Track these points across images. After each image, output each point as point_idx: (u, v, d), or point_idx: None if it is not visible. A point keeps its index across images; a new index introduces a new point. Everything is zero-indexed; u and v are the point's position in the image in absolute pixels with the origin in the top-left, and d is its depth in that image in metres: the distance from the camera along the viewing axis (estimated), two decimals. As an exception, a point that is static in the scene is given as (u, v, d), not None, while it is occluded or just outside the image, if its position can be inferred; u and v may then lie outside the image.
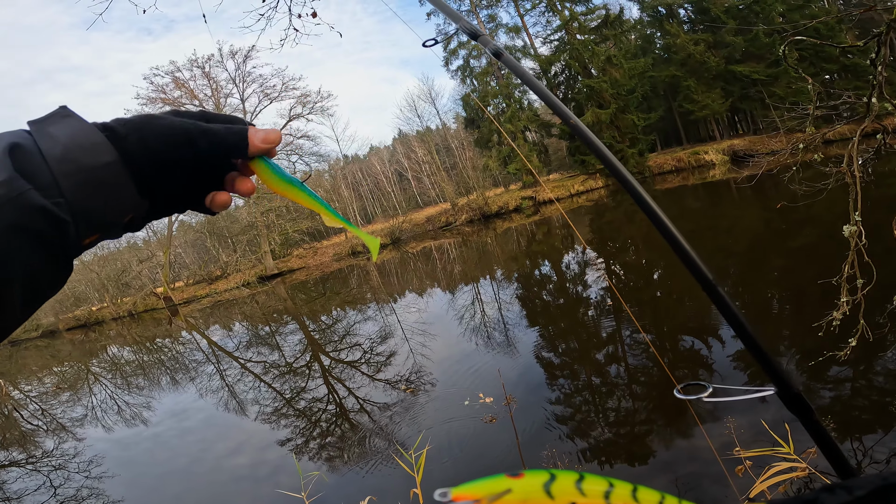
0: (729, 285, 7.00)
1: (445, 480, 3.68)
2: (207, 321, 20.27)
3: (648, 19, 27.59)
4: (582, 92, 26.12)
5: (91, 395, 11.08)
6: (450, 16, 0.85)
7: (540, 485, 0.30)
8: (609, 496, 0.31)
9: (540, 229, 20.14)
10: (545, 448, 3.93)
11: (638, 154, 25.07)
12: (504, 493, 0.29)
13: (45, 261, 0.35)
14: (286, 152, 31.09)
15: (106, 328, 26.07)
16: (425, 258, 21.63)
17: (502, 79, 28.04)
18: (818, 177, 3.18)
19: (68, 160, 0.36)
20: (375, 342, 9.23)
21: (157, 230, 31.66)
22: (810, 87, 2.20)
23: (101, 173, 0.37)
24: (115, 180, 0.38)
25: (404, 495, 2.52)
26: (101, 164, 0.37)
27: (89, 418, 9.13)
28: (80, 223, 0.37)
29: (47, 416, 9.99)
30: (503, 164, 28.29)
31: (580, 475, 0.31)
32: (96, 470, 6.26)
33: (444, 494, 0.28)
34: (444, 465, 3.88)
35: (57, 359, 19.91)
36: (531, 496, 0.29)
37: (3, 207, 0.32)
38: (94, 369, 14.98)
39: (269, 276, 29.38)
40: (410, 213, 36.22)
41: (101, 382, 12.45)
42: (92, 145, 0.37)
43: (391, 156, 47.12)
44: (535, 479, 0.30)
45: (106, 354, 18.32)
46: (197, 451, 6.20)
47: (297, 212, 31.90)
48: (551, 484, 0.30)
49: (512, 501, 0.29)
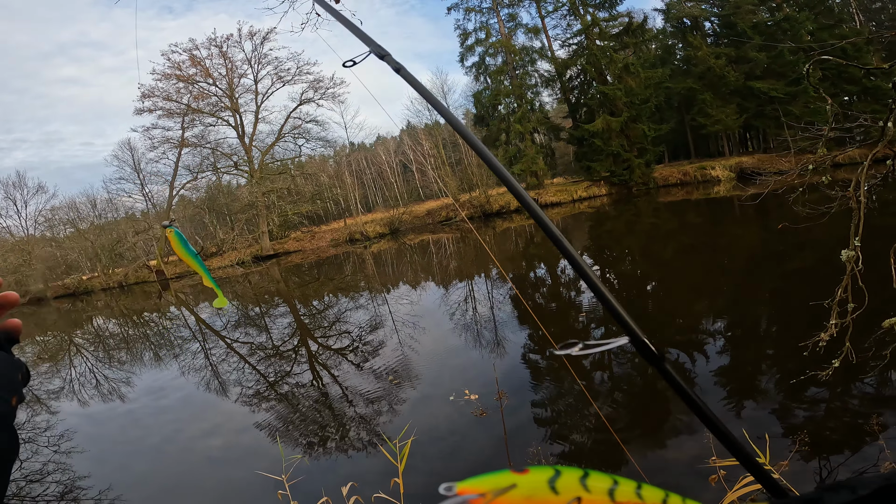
0: (720, 302, 6.98)
1: (428, 471, 3.66)
2: (198, 298, 20.21)
3: (671, 30, 27.36)
4: (595, 98, 25.96)
5: (71, 368, 10.90)
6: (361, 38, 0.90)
7: (545, 480, 0.30)
8: (613, 493, 0.31)
9: (539, 232, 20.07)
10: (531, 445, 3.92)
11: (645, 164, 24.98)
12: (509, 488, 0.29)
13: None
14: (293, 136, 30.98)
15: (94, 298, 25.89)
16: (423, 251, 21.58)
17: (516, 79, 27.86)
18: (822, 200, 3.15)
19: None
20: (365, 331, 9.19)
21: (157, 203, 31.39)
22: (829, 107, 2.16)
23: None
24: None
25: (385, 484, 2.50)
26: None
27: (66, 391, 8.97)
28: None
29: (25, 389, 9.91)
30: (509, 164, 28.18)
31: (585, 472, 0.32)
32: (66, 445, 6.17)
33: (450, 488, 0.28)
34: (428, 457, 3.84)
35: (41, 327, 19.62)
36: (536, 492, 0.29)
37: None
38: (78, 340, 14.83)
39: (264, 256, 29.21)
40: (412, 206, 36.10)
41: (82, 354, 12.31)
42: None
43: (397, 147, 46.92)
44: (540, 474, 0.30)
45: (91, 326, 18.17)
46: (170, 431, 6.12)
47: (298, 195, 31.73)
48: (556, 480, 0.30)
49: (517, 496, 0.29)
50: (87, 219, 31.86)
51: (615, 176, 25.35)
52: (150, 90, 27.56)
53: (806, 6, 23.04)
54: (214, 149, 29.79)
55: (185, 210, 33.10)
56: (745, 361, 4.82)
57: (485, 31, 28.26)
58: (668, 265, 9.97)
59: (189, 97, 28.48)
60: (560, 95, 29.19)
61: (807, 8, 22.86)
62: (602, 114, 25.04)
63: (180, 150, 29.09)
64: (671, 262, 10.23)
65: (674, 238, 13.05)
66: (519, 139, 27.65)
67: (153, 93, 27.70)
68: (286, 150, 31.60)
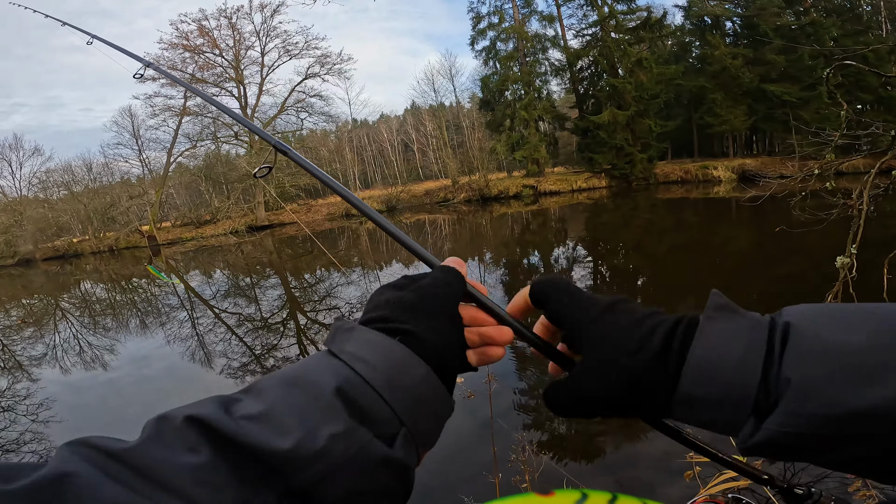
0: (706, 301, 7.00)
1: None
2: (188, 265, 20.08)
3: (690, 27, 26.82)
4: (604, 90, 25.63)
5: (55, 333, 10.66)
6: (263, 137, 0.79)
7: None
8: None
9: (535, 219, 20.05)
10: (516, 431, 3.95)
11: (647, 160, 24.84)
12: None
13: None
14: (296, 109, 30.79)
15: (83, 262, 25.49)
16: (418, 230, 21.50)
17: (526, 66, 27.40)
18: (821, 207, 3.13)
19: (394, 385, 0.34)
20: (355, 307, 9.19)
21: (154, 169, 31.13)
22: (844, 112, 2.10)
23: (421, 390, 0.36)
24: (433, 394, 0.37)
25: None
26: (419, 380, 0.36)
27: (48, 358, 8.74)
28: (419, 446, 0.36)
29: (6, 353, 9.49)
30: (511, 150, 27.94)
31: (613, 495, 0.30)
32: (44, 414, 6.06)
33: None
34: None
35: (28, 290, 19.36)
36: None
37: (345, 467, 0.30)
38: (64, 305, 14.60)
39: (258, 227, 29.07)
40: (410, 185, 35.86)
41: (67, 320, 12.10)
42: (402, 361, 0.36)
43: (400, 126, 46.33)
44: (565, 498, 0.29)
45: (78, 290, 17.90)
46: (152, 401, 6.01)
47: (297, 168, 31.46)
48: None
49: None
50: (81, 182, 31.61)
51: (616, 169, 25.23)
52: (155, 59, 26.91)
53: (834, 12, 22.68)
54: (216, 118, 29.59)
55: (182, 177, 32.98)
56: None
57: (498, 15, 27.69)
58: (659, 261, 10.00)
59: (194, 67, 28.38)
60: (569, 85, 28.80)
61: (834, 14, 22.51)
62: (609, 106, 24.75)
63: (181, 118, 28.96)
64: (663, 258, 10.26)
65: (668, 235, 13.07)
66: (523, 126, 27.36)
67: (158, 61, 26.81)
68: (288, 122, 31.51)
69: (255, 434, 0.29)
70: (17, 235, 26.82)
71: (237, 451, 0.29)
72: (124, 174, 32.75)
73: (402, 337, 0.38)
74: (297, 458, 0.29)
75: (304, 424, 0.30)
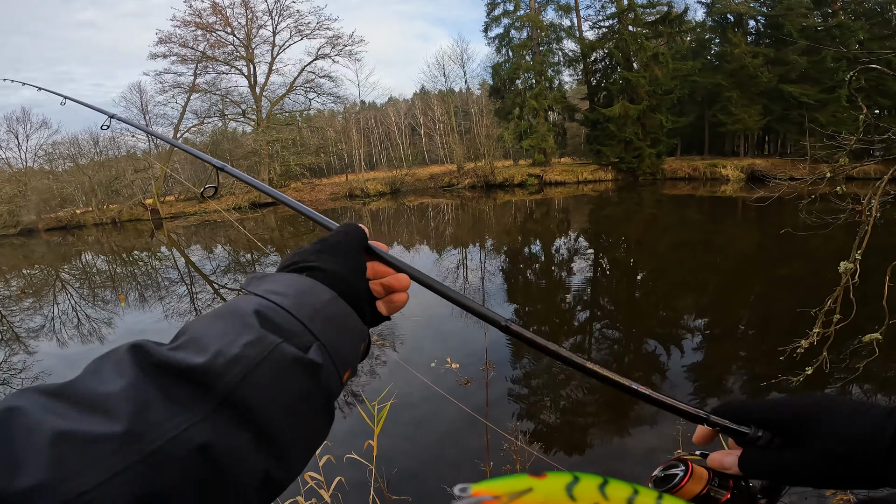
0: (705, 300, 7.01)
1: (404, 436, 3.72)
2: (190, 239, 20.11)
3: (712, 24, 26.24)
4: (617, 83, 25.24)
5: (54, 305, 10.56)
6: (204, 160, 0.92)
7: (562, 486, 0.30)
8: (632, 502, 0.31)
9: (539, 209, 19.97)
10: (509, 420, 3.99)
11: (656, 155, 24.59)
12: (525, 491, 0.28)
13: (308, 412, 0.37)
14: (305, 89, 30.72)
15: (86, 233, 25.40)
16: (420, 213, 21.44)
17: (539, 55, 26.97)
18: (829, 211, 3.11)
19: (303, 304, 0.39)
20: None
21: (160, 143, 31.02)
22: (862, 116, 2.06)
23: (330, 310, 0.40)
24: (342, 313, 0.41)
25: (358, 445, 2.49)
26: (326, 301, 0.41)
27: (46, 330, 8.63)
28: (336, 362, 0.39)
29: (3, 325, 9.32)
30: (518, 139, 27.68)
31: (604, 479, 0.31)
32: None
33: (465, 490, 0.27)
34: (400, 421, 3.85)
35: (29, 260, 19.24)
36: (553, 497, 0.29)
37: (259, 367, 0.33)
38: (64, 276, 14.53)
39: (261, 203, 29.01)
40: (415, 168, 35.67)
41: (67, 291, 12.02)
42: (309, 287, 0.41)
43: (408, 109, 45.90)
44: (557, 480, 0.30)
45: (79, 261, 17.81)
46: None
47: (302, 146, 31.58)
48: (574, 486, 0.30)
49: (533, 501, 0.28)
50: (87, 154, 31.67)
51: (624, 163, 25.01)
52: (167, 36, 27.24)
53: (863, 15, 22.17)
54: (224, 96, 29.73)
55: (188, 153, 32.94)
56: (718, 360, 4.88)
57: (514, 2, 27.20)
58: (660, 257, 9.97)
59: (206, 45, 28.26)
60: (581, 76, 28.37)
61: (863, 17, 22.00)
62: (621, 99, 24.43)
63: (189, 95, 28.92)
64: (664, 254, 10.23)
65: (671, 231, 13.01)
66: (532, 115, 27.07)
67: (170, 38, 27.36)
68: (296, 102, 31.44)
69: (178, 356, 0.32)
70: (20, 206, 26.76)
71: (163, 372, 0.31)
72: (130, 148, 32.84)
73: (309, 272, 0.44)
74: (216, 367, 0.32)
75: (223, 340, 0.34)
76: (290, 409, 0.35)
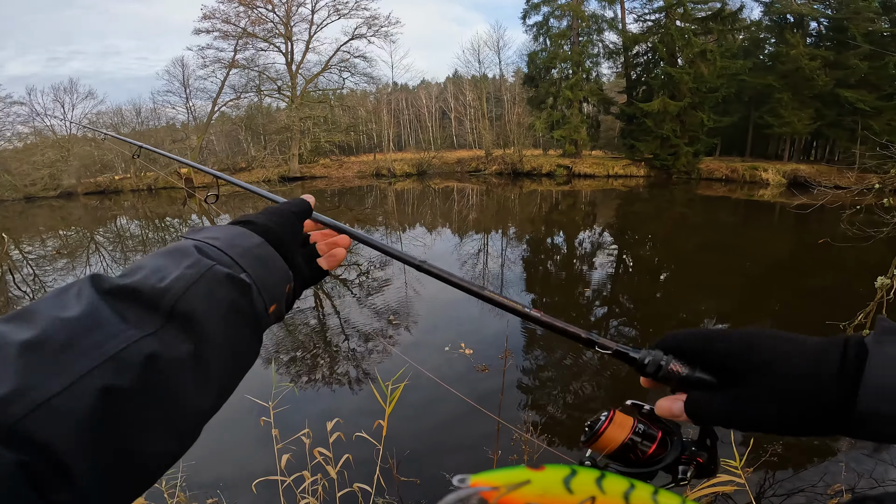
0: (728, 305, 6.82)
1: (412, 418, 3.79)
2: (220, 208, 20.62)
3: (768, 24, 24.87)
4: (659, 78, 24.34)
5: (87, 266, 10.90)
6: None
7: (560, 479, 0.30)
8: (629, 496, 0.31)
9: (565, 200, 19.67)
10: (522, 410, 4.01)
11: (693, 154, 23.71)
12: (523, 483, 0.29)
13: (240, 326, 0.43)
14: (339, 68, 31.01)
15: (122, 198, 26.40)
16: (445, 196, 21.43)
17: (577, 45, 26.21)
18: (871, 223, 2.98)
19: (234, 245, 0.46)
20: (374, 266, 9.35)
21: (198, 116, 32.33)
22: None
23: (257, 251, 0.48)
24: (268, 254, 0.49)
25: (368, 424, 2.50)
26: (255, 244, 0.48)
27: None
28: (262, 293, 0.46)
29: (37, 284, 9.62)
30: (550, 128, 27.17)
31: (602, 472, 0.31)
32: None
33: (463, 480, 0.28)
34: (411, 403, 3.87)
35: (66, 222, 19.94)
36: (550, 489, 0.29)
37: (197, 282, 0.39)
38: (99, 238, 15.05)
39: (290, 178, 29.65)
40: (443, 152, 35.53)
41: (100, 253, 12.45)
42: (241, 233, 0.48)
43: (440, 93, 45.55)
44: (555, 472, 0.30)
45: (114, 225, 18.50)
46: None
47: (333, 124, 32.02)
48: (572, 479, 0.30)
49: (531, 493, 0.29)
50: (129, 125, 32.90)
51: (658, 159, 24.26)
52: (211, 11, 27.86)
53: None
54: (261, 72, 30.31)
55: (224, 125, 33.98)
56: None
57: (555, -9, 26.36)
58: (687, 258, 9.73)
59: (247, 21, 28.80)
60: (620, 69, 27.45)
61: None
62: (661, 95, 23.57)
63: (229, 70, 29.64)
64: (691, 255, 9.97)
65: (700, 232, 12.63)
66: (566, 105, 26.47)
67: (214, 14, 27.97)
68: (330, 80, 31.81)
69: (130, 282, 0.37)
70: (61, 170, 27.90)
71: (116, 296, 0.36)
72: (170, 119, 34.00)
73: (243, 224, 0.51)
74: (161, 286, 0.37)
75: (167, 268, 0.40)
76: (226, 320, 0.40)
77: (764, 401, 0.39)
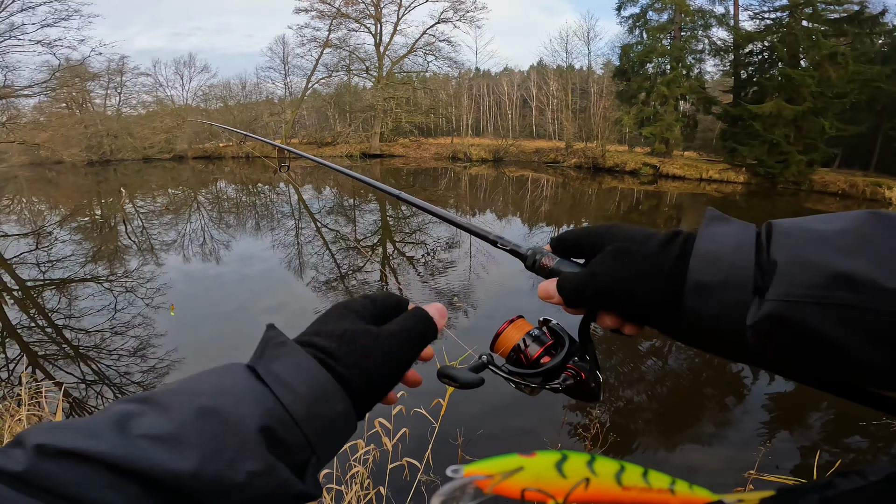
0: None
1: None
2: (305, 179, 21.90)
3: None
4: (774, 79, 21.73)
5: (188, 223, 11.89)
6: None
7: (552, 464, 0.31)
8: (620, 477, 0.32)
9: (648, 200, 18.38)
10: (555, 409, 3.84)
11: (807, 164, 21.02)
12: (516, 470, 0.29)
13: None
14: (424, 51, 31.60)
15: (223, 164, 29.14)
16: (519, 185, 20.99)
17: (679, 40, 24.13)
18: None
19: (312, 416, 0.35)
20: (440, 247, 9.38)
21: (293, 92, 34.84)
22: None
23: (338, 423, 0.37)
24: (345, 424, 0.38)
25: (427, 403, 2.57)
26: (337, 414, 0.37)
27: (176, 245, 9.62)
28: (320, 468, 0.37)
29: (144, 236, 10.53)
30: (639, 125, 25.45)
31: (591, 456, 0.32)
32: (158, 299, 6.35)
33: (457, 471, 0.28)
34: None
35: (176, 181, 22.34)
36: (543, 475, 0.30)
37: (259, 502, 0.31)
38: (200, 198, 16.64)
39: (370, 154, 30.88)
40: (521, 140, 34.82)
41: (200, 212, 13.68)
42: (324, 393, 0.36)
43: (522, 81, 44.43)
44: (547, 458, 0.31)
45: (214, 187, 20.45)
46: (244, 300, 6.39)
47: (414, 105, 32.69)
48: (563, 463, 0.31)
49: (524, 479, 0.29)
50: (235, 97, 36.37)
51: (763, 166, 21.77)
52: None
53: None
54: (352, 52, 31.71)
55: (315, 101, 36.18)
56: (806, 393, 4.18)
57: (657, -17, 24.34)
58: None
59: (341, 1, 30.17)
60: (728, 68, 24.88)
61: None
62: (776, 97, 21.04)
63: (323, 49, 31.27)
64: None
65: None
66: (660, 102, 24.61)
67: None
68: (414, 63, 32.63)
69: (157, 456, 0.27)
70: (176, 135, 31.42)
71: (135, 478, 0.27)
72: (269, 94, 37.00)
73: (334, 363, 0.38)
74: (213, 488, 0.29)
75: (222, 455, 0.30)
76: None
77: (609, 264, 0.42)
